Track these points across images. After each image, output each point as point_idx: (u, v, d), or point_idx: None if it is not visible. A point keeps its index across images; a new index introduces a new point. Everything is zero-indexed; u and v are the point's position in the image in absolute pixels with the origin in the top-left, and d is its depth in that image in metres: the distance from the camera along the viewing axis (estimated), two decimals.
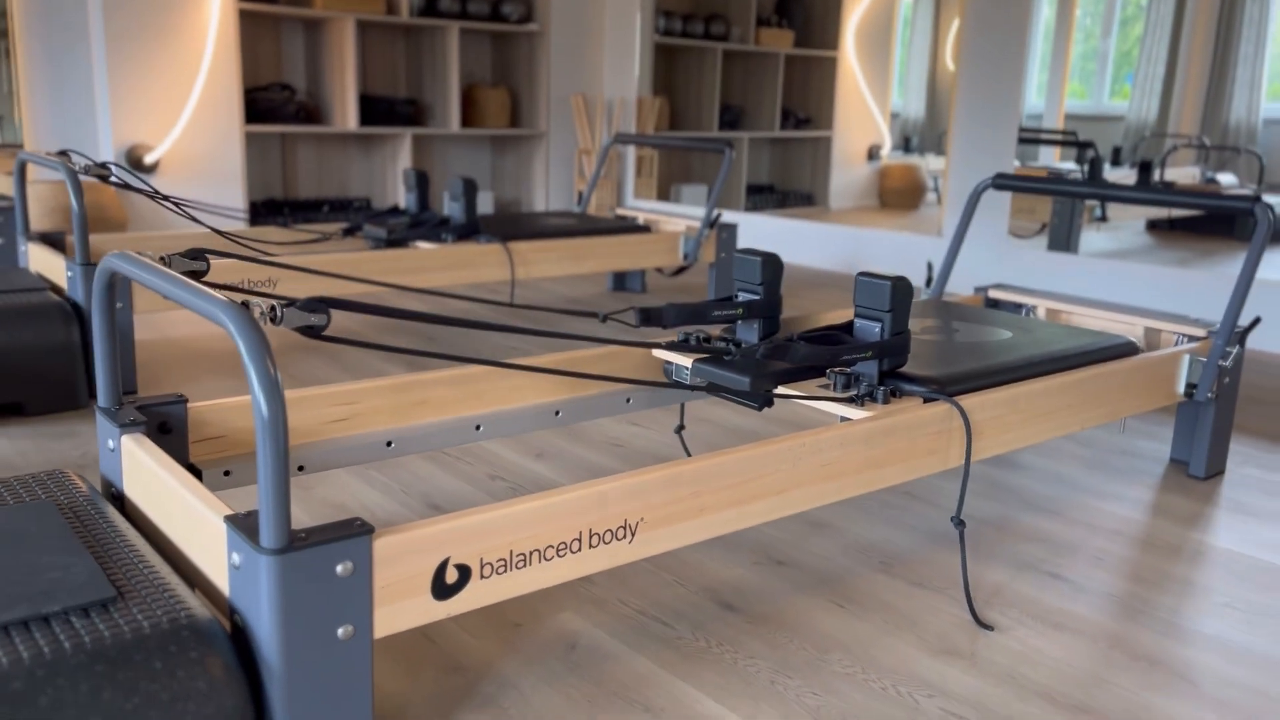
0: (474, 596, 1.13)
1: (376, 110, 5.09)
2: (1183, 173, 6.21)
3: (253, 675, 1.01)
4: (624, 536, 1.24)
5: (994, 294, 2.45)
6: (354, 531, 1.02)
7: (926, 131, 7.56)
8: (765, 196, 6.74)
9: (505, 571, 1.15)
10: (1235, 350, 2.05)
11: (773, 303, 1.83)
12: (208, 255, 1.44)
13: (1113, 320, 2.24)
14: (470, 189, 3.05)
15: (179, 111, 4.36)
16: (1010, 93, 4.09)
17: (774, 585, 1.62)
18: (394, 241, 3.00)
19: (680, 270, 3.62)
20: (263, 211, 4.87)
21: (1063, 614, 1.56)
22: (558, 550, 1.18)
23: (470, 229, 3.06)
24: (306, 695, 1.01)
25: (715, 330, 1.95)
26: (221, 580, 1.07)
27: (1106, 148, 6.12)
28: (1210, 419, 2.11)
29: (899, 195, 7.59)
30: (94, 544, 1.13)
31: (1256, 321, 1.99)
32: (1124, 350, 1.95)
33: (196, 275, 1.38)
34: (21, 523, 1.16)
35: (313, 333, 1.08)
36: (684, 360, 1.76)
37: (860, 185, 7.32)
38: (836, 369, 1.65)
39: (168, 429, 1.39)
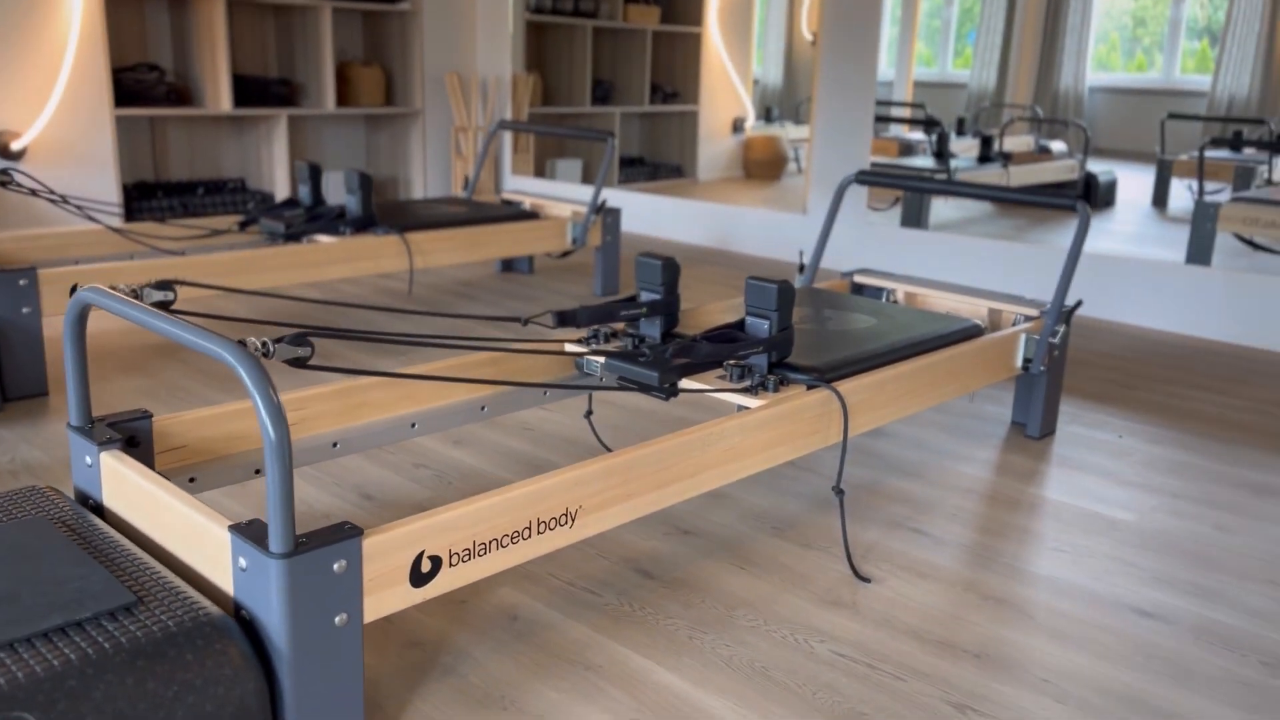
0: (445, 582, 1.31)
1: (250, 91, 5.06)
2: (1019, 141, 6.70)
3: (263, 661, 1.18)
4: (566, 523, 1.44)
5: (859, 279, 2.73)
6: (346, 534, 1.20)
7: (784, 100, 7.89)
8: (637, 169, 6.95)
9: (470, 559, 1.34)
10: (1062, 329, 2.37)
11: (672, 301, 2.04)
12: (175, 284, 1.56)
13: (962, 302, 2.54)
14: (366, 182, 3.15)
15: (46, 96, 4.27)
16: (866, 76, 4.38)
17: (683, 553, 1.85)
18: (292, 235, 3.09)
19: (566, 254, 3.80)
20: (135, 195, 4.80)
21: (926, 564, 1.84)
22: (512, 538, 1.38)
23: (367, 221, 3.17)
24: (310, 675, 1.19)
25: (620, 325, 2.15)
26: (225, 581, 1.22)
27: (951, 115, 6.54)
28: (1043, 387, 2.44)
29: (762, 166, 7.91)
30: (98, 554, 1.27)
31: (1078, 304, 2.31)
32: (972, 332, 2.25)
33: (165, 305, 1.50)
34: (25, 538, 1.29)
35: (299, 363, 1.24)
36: (598, 357, 1.97)
37: (725, 157, 7.60)
38: (732, 362, 1.88)
39: (135, 443, 1.51)
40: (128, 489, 1.39)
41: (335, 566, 1.19)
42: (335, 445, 1.74)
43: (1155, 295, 3.72)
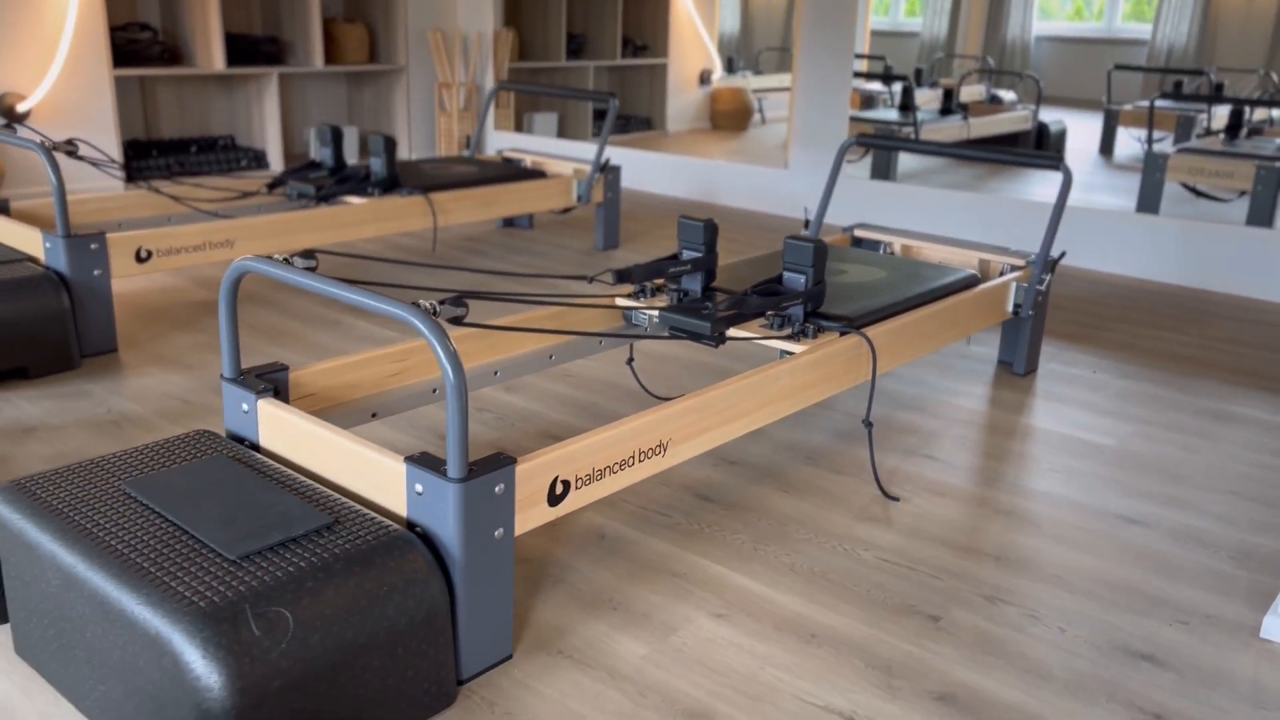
0: (571, 502, 1.56)
1: (240, 49, 5.14)
2: (971, 92, 6.99)
3: (440, 567, 1.42)
4: (660, 453, 1.70)
5: (858, 233, 2.99)
6: (504, 463, 1.44)
7: (743, 50, 8.08)
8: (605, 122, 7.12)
9: (589, 484, 1.59)
10: (1048, 277, 2.66)
11: (711, 259, 2.29)
12: (316, 253, 1.77)
13: (954, 254, 2.82)
14: (390, 145, 3.33)
15: (49, 59, 4.34)
16: (845, 32, 4.61)
17: (733, 480, 2.12)
18: (323, 197, 3.26)
19: (568, 210, 4.01)
20: (131, 154, 4.89)
21: (942, 485, 2.13)
22: (620, 465, 1.63)
23: (393, 182, 3.35)
24: (476, 579, 1.43)
25: (661, 281, 2.39)
26: (396, 505, 1.46)
27: (903, 65, 6.79)
28: (1028, 330, 2.73)
29: (728, 118, 8.12)
30: (282, 485, 1.50)
31: (1062, 254, 2.60)
32: (971, 281, 2.53)
33: (313, 271, 1.71)
34: (219, 473, 1.51)
35: (458, 321, 1.47)
36: (652, 310, 2.21)
37: (693, 109, 7.79)
38: (774, 313, 2.14)
39: (278, 392, 1.73)
40: (287, 430, 1.61)
41: (496, 489, 1.43)
42: (434, 391, 1.97)
43: (1110, 242, 4.03)
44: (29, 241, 2.64)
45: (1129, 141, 8.05)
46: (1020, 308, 2.65)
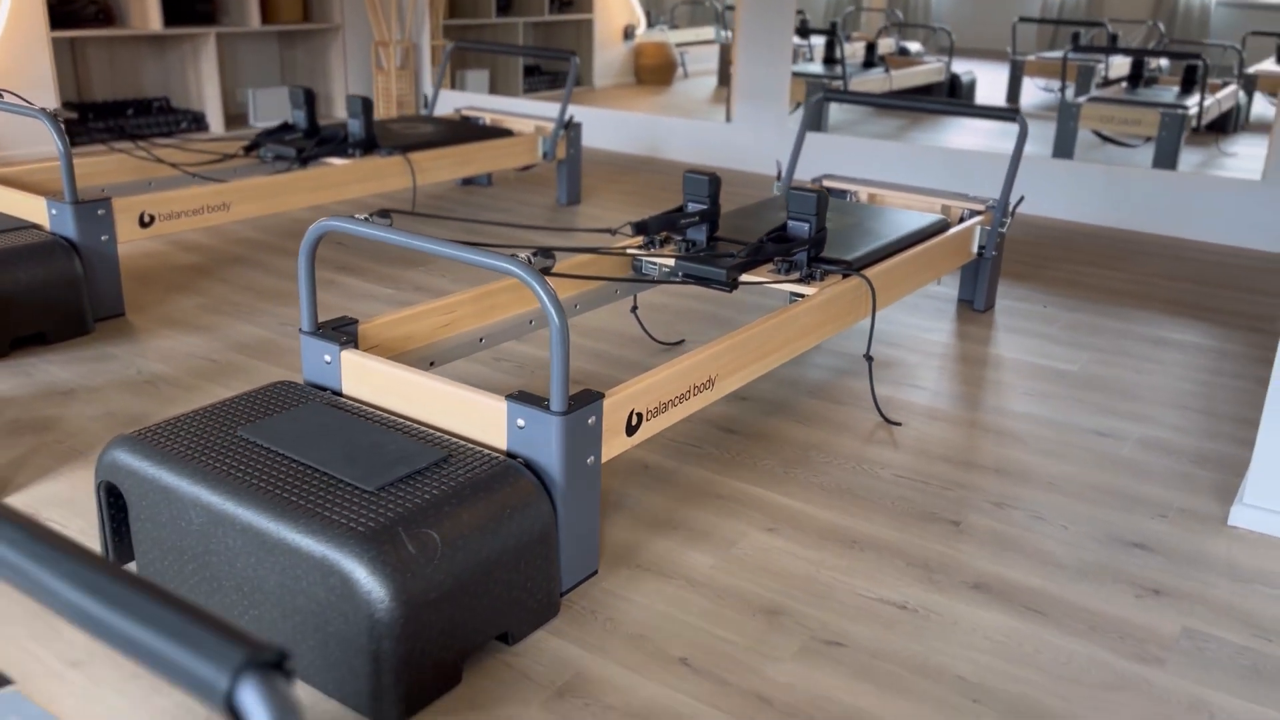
0: (642, 433, 1.73)
1: (174, 9, 5.06)
2: (883, 45, 7.25)
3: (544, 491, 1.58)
4: (709, 387, 1.88)
5: (826, 183, 3.19)
6: (595, 397, 1.60)
7: (656, 3, 8.20)
8: (538, 78, 7.18)
9: (655, 416, 1.76)
10: (1009, 220, 2.91)
11: (715, 210, 2.46)
12: (391, 213, 1.87)
13: (916, 201, 3.04)
14: (368, 106, 3.40)
15: None
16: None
17: (749, 414, 2.32)
18: (306, 159, 3.32)
19: (528, 167, 4.12)
20: (82, 115, 4.79)
21: (933, 410, 2.36)
22: (679, 399, 1.80)
23: (371, 143, 3.42)
24: (573, 501, 1.59)
25: (663, 234, 2.55)
26: (495, 439, 1.61)
27: (816, 17, 7.00)
28: (989, 269, 2.98)
29: (653, 72, 8.24)
30: (385, 426, 1.63)
31: (1021, 199, 2.85)
32: (941, 226, 2.76)
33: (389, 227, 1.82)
34: (321, 418, 1.63)
35: (547, 271, 1.61)
36: (666, 260, 2.37)
37: (618, 63, 7.89)
38: (781, 258, 2.32)
39: (353, 343, 1.85)
40: (374, 378, 1.73)
41: (589, 421, 1.59)
42: (481, 340, 2.11)
43: (1035, 187, 4.32)
44: (30, 208, 2.66)
45: (1034, 91, 8.44)
46: (985, 249, 2.89)
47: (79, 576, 0.63)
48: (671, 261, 2.36)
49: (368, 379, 1.75)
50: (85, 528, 1.78)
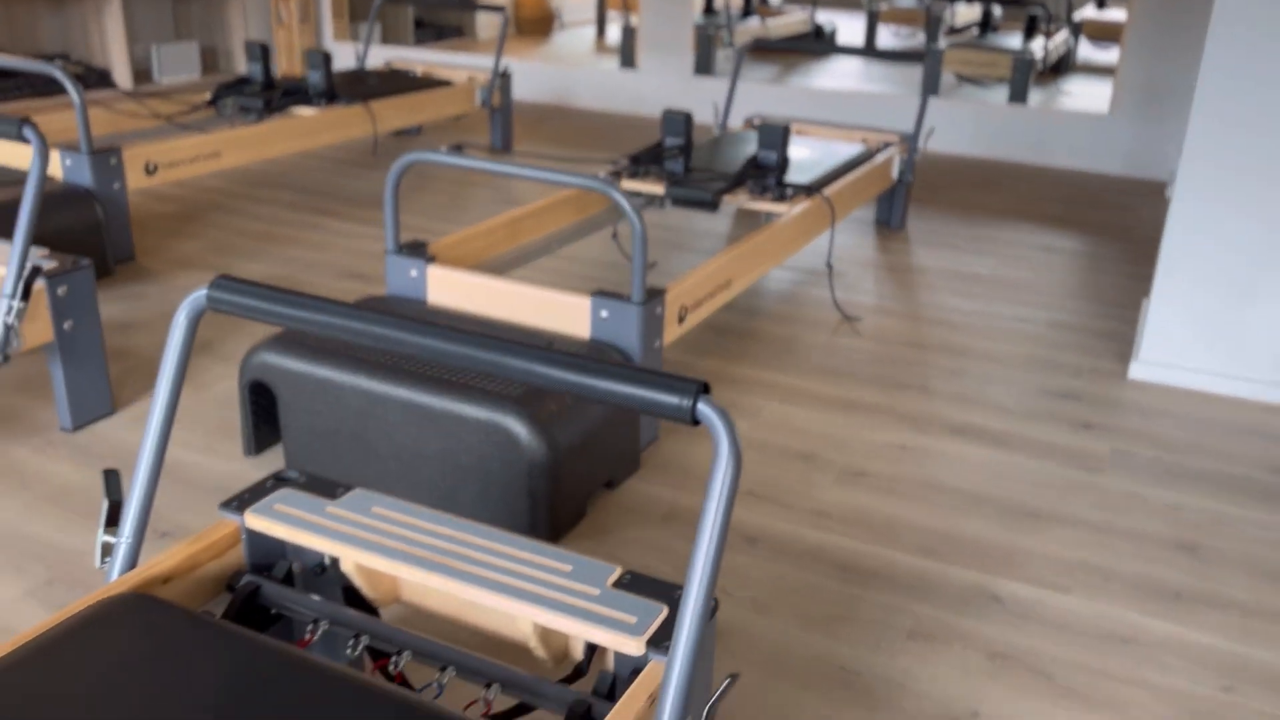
0: (688, 323, 2.10)
1: None
2: None
3: None
4: (727, 287, 2.26)
5: (757, 122, 3.59)
6: (659, 292, 1.96)
7: None
8: (425, 31, 7.31)
9: (694, 310, 2.13)
10: (922, 147, 3.38)
11: (688, 145, 2.83)
12: (464, 147, 2.15)
13: (839, 134, 3.48)
14: (327, 59, 3.59)
15: None
16: None
17: (735, 319, 2.71)
18: (275, 109, 3.49)
19: (461, 116, 4.36)
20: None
21: (882, 308, 2.82)
22: (709, 296, 2.18)
23: (332, 94, 3.62)
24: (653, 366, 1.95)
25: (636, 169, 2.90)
26: (581, 328, 1.95)
27: None
28: (903, 193, 3.46)
29: (532, 24, 8.45)
30: (479, 322, 1.94)
31: (932, 130, 3.32)
32: (868, 155, 3.20)
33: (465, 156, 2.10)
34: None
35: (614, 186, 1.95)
36: (656, 188, 2.73)
37: (499, 16, 8.06)
38: (754, 181, 2.71)
39: (432, 260, 2.14)
40: (458, 287, 2.04)
41: (657, 310, 1.95)
42: (537, 251, 2.42)
43: (911, 122, 4.83)
44: (22, 159, 2.78)
45: (887, 36, 9.05)
46: (903, 174, 3.36)
47: (583, 367, 0.97)
48: (661, 189, 2.72)
49: (452, 288, 2.05)
50: (198, 431, 2.03)
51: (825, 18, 8.77)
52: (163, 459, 1.16)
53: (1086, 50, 8.20)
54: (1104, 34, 8.46)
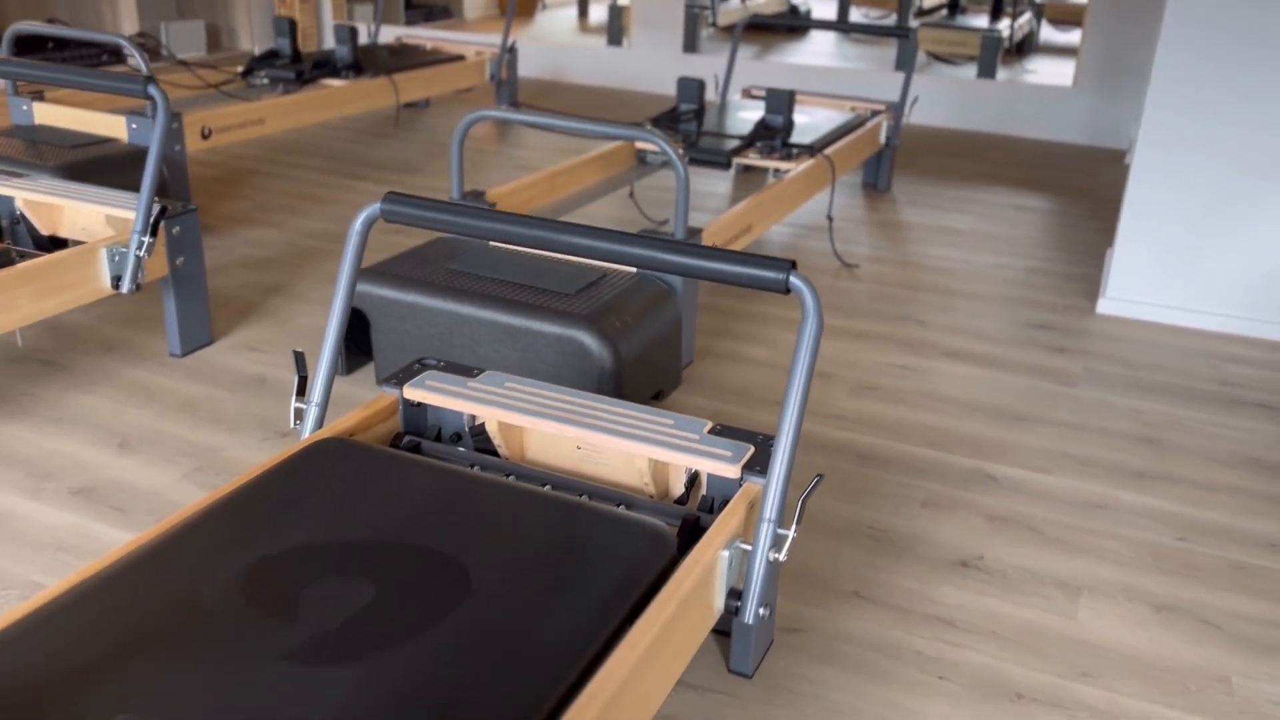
0: None
1: None
2: None
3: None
4: (748, 231, 2.56)
5: (754, 91, 3.89)
6: (699, 230, 2.25)
7: None
8: (415, 12, 7.52)
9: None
10: (908, 114, 3.69)
11: (702, 109, 3.12)
12: (521, 104, 2.42)
13: (828, 102, 3.79)
14: (354, 34, 3.84)
15: None
16: None
17: None
18: (306, 81, 3.74)
19: (470, 89, 4.62)
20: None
21: (875, 256, 3.13)
22: (735, 238, 2.47)
23: (359, 67, 3.87)
24: (688, 305, 2.25)
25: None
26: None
27: None
28: (889, 156, 3.77)
29: (518, 5, 8.67)
30: (536, 258, 2.23)
31: (916, 99, 3.63)
32: (859, 121, 3.51)
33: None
34: (498, 256, 2.21)
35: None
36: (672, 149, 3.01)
37: None
38: (763, 142, 3.01)
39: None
40: None
41: None
42: (579, 199, 2.71)
43: (888, 95, 5.15)
44: (106, 124, 3.02)
45: (858, 16, 9.33)
46: (891, 139, 3.67)
47: (706, 253, 1.27)
48: (679, 150, 3.01)
49: None
50: (278, 355, 2.30)
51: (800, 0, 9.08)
52: (341, 342, 1.45)
53: (1048, 32, 8.57)
54: (1064, 17, 8.84)
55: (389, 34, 6.31)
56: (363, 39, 6.37)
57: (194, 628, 0.99)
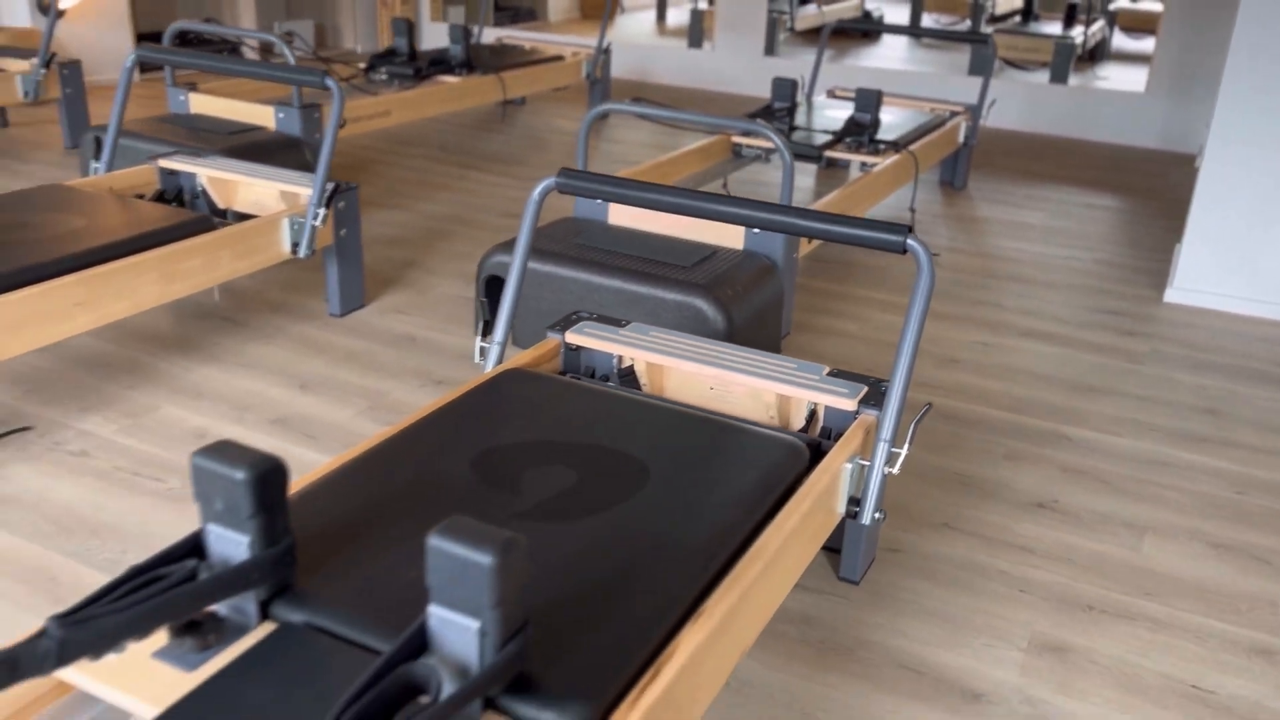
0: (813, 244, 2.65)
1: None
2: None
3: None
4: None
5: (838, 92, 4.13)
6: None
7: None
8: (502, 14, 7.85)
9: None
10: (987, 115, 3.90)
11: (794, 108, 3.37)
12: (640, 99, 2.69)
13: (908, 103, 4.01)
14: (467, 33, 4.14)
15: None
16: None
17: (838, 252, 3.26)
18: (423, 78, 4.05)
19: (565, 87, 4.91)
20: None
21: (955, 246, 3.35)
22: None
23: (470, 65, 4.17)
24: (788, 279, 2.50)
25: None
26: (736, 242, 2.49)
27: None
28: (967, 155, 3.98)
29: (596, 7, 8.99)
30: (650, 236, 2.49)
31: (994, 102, 3.84)
32: (941, 121, 3.73)
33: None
34: (615, 234, 2.48)
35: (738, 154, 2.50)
36: (767, 143, 3.27)
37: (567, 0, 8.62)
38: (852, 138, 3.25)
39: None
40: (631, 211, 2.59)
41: None
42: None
43: (963, 98, 5.35)
44: (255, 114, 3.35)
45: (930, 22, 9.52)
46: (969, 139, 3.89)
47: (836, 220, 1.52)
48: (771, 145, 3.26)
49: (627, 212, 2.61)
50: (435, 320, 2.59)
51: (873, 4, 9.27)
52: (520, 292, 1.72)
53: (1121, 40, 8.66)
54: (1137, 24, 8.93)
55: (485, 34, 6.63)
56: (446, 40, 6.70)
57: (441, 496, 1.27)
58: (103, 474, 1.84)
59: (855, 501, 1.51)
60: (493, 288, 2.49)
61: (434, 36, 6.60)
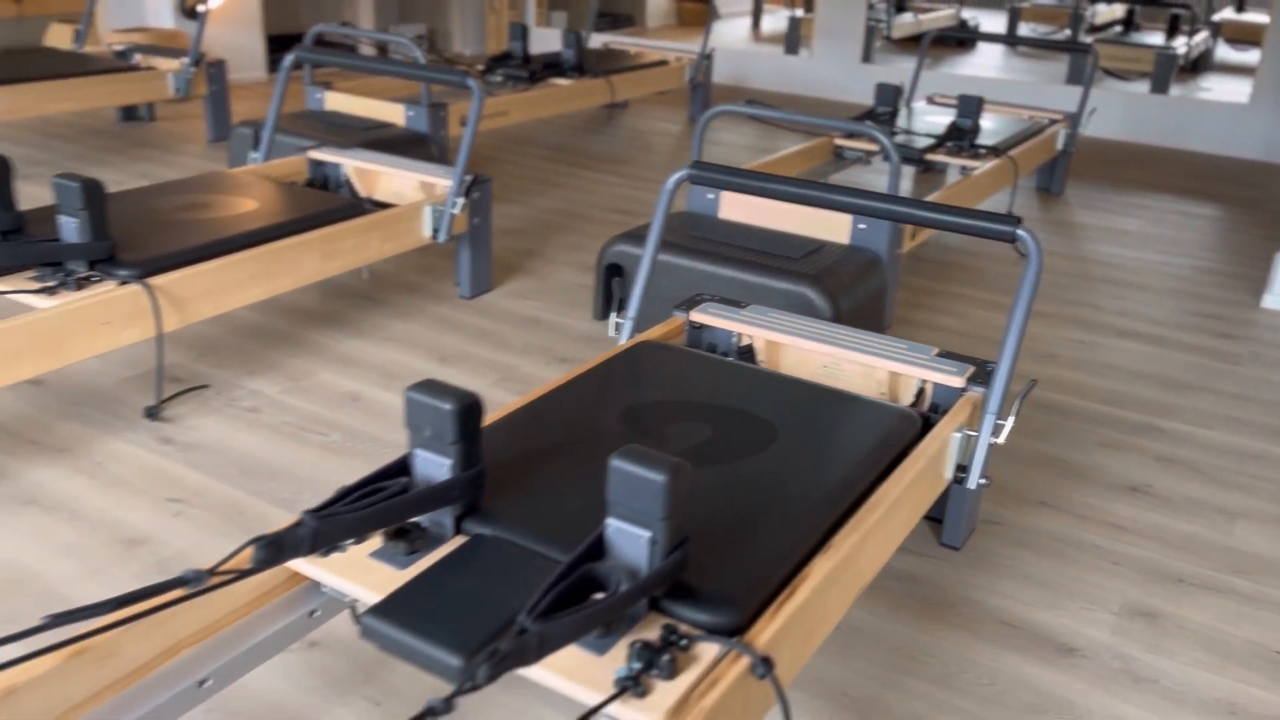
0: (916, 240, 2.77)
1: None
2: None
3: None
4: None
5: (939, 99, 4.23)
6: None
7: None
8: (602, 20, 8.08)
9: (918, 233, 2.79)
10: (1086, 123, 3.97)
11: (895, 113, 3.49)
12: (754, 101, 2.86)
13: (1006, 110, 4.09)
14: (579, 38, 4.34)
15: None
16: None
17: (936, 253, 3.37)
18: (537, 80, 4.26)
19: (667, 91, 5.09)
20: (274, 47, 5.64)
21: (1050, 251, 3.43)
22: None
23: (582, 68, 4.38)
24: (892, 271, 2.63)
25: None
26: (843, 236, 2.63)
27: None
28: (1065, 162, 4.05)
29: (692, 14, 9.18)
30: (759, 230, 2.64)
31: (1094, 110, 3.91)
32: (1039, 128, 3.81)
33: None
34: (727, 228, 2.64)
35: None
36: (871, 146, 3.40)
37: (664, 6, 8.82)
38: (953, 142, 3.35)
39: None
40: (742, 206, 2.74)
41: (899, 226, 2.62)
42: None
43: (1064, 107, 5.38)
44: (386, 111, 3.58)
45: (1028, 32, 9.48)
46: (1068, 146, 3.96)
47: (953, 210, 1.66)
48: (874, 147, 3.39)
49: (739, 207, 2.76)
50: (554, 304, 2.78)
51: (969, 14, 9.29)
52: (652, 274, 1.89)
53: (1224, 51, 8.55)
54: (1242, 35, 8.80)
55: (620, 40, 6.85)
56: (553, 45, 6.92)
57: (598, 440, 1.44)
58: (273, 428, 2.06)
59: (962, 468, 1.65)
60: (610, 275, 2.67)
61: (538, 41, 6.84)
